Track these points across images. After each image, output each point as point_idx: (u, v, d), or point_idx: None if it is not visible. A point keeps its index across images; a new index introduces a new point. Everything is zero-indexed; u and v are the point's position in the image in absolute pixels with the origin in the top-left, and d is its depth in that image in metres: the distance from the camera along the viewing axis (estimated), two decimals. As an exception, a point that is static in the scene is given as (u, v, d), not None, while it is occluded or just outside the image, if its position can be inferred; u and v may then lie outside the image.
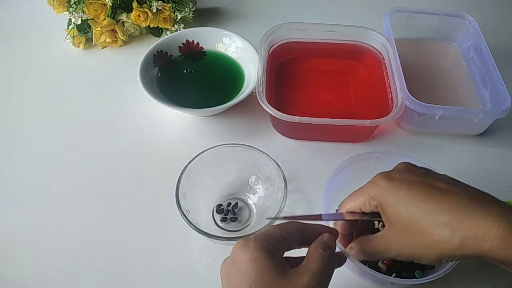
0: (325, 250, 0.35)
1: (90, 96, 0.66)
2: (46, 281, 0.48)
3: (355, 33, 0.67)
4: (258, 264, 0.31)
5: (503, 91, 0.58)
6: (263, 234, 0.34)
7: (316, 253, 0.34)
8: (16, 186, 0.56)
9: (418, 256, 0.34)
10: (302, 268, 0.33)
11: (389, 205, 0.35)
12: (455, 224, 0.31)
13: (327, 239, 0.36)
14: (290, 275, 0.32)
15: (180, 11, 0.72)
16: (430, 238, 0.32)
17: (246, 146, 0.51)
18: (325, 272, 0.33)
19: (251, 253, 0.32)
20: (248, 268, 0.31)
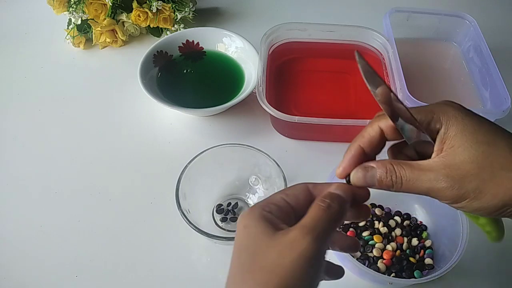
0: (323, 201, 0.30)
1: (90, 96, 0.66)
2: (46, 281, 0.48)
3: (355, 33, 0.67)
4: (248, 230, 0.29)
5: (503, 91, 0.58)
6: (263, 200, 0.32)
7: (313, 206, 0.30)
8: (16, 186, 0.56)
9: (486, 199, 0.28)
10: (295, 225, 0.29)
11: (466, 128, 0.29)
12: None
13: (334, 189, 0.31)
14: (279, 234, 0.28)
15: (180, 11, 0.72)
16: (510, 176, 0.27)
17: (246, 146, 0.51)
18: (318, 223, 0.28)
19: (245, 220, 0.30)
20: (240, 235, 0.30)
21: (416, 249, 0.50)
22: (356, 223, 0.52)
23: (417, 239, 0.50)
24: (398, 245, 0.50)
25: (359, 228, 0.51)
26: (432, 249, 0.50)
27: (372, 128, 0.32)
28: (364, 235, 0.50)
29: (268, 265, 0.27)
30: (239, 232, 0.30)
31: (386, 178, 0.30)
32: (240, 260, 0.29)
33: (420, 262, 0.49)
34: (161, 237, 0.51)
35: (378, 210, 0.53)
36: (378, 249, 0.49)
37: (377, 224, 0.51)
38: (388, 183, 0.30)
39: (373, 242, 0.50)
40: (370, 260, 0.49)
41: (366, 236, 0.50)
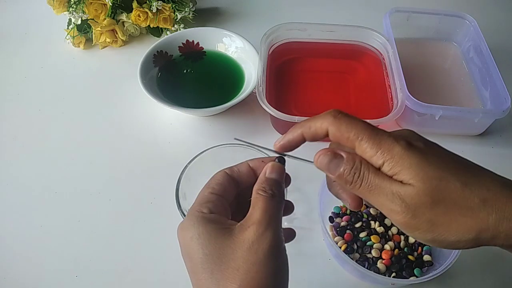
0: (265, 190, 0.31)
1: (90, 96, 0.67)
2: (46, 281, 0.48)
3: (355, 33, 0.67)
4: (201, 239, 0.29)
5: (503, 91, 0.58)
6: (193, 204, 0.31)
7: (257, 198, 0.31)
8: (16, 186, 0.56)
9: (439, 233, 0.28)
10: (246, 219, 0.30)
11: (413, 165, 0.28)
12: (494, 201, 0.27)
13: (269, 173, 0.32)
14: (236, 233, 0.29)
15: (180, 11, 0.72)
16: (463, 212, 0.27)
17: (246, 146, 0.51)
18: (271, 214, 0.30)
19: (190, 231, 0.29)
20: (193, 248, 0.29)
21: (413, 246, 0.50)
22: (352, 225, 0.51)
23: (414, 237, 0.50)
24: (395, 243, 0.50)
25: (356, 230, 0.51)
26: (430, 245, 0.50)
27: (321, 126, 0.31)
28: (361, 236, 0.50)
29: (242, 264, 0.28)
30: (188, 244, 0.29)
31: (348, 173, 0.30)
32: (206, 271, 0.28)
33: (419, 259, 0.49)
34: (161, 237, 0.51)
35: (373, 210, 0.52)
36: (377, 250, 0.49)
37: (373, 224, 0.51)
38: (348, 179, 0.30)
39: (371, 243, 0.50)
40: (369, 261, 0.49)
41: (364, 237, 0.50)
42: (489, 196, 0.27)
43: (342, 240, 0.50)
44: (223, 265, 0.28)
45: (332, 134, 0.30)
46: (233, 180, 0.33)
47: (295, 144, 0.33)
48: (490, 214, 0.27)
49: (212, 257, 0.28)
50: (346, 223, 0.52)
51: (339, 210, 0.53)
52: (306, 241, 0.51)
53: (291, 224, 0.53)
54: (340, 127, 0.30)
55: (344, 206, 0.53)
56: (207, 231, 0.29)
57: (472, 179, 0.28)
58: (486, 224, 0.27)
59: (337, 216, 0.53)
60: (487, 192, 0.28)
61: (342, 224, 0.52)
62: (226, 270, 0.28)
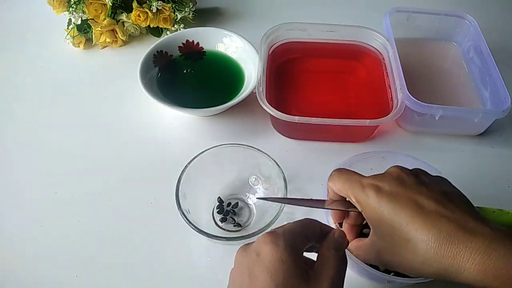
0: (337, 251, 0.35)
1: (90, 96, 0.67)
2: (46, 281, 0.48)
3: (355, 33, 0.67)
4: (286, 266, 0.31)
5: (503, 91, 0.58)
6: (289, 232, 0.34)
7: (331, 256, 0.35)
8: (16, 186, 0.56)
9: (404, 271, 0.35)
10: (321, 273, 0.33)
11: (374, 219, 0.35)
12: (432, 255, 0.32)
13: (338, 237, 0.36)
14: (312, 281, 0.32)
15: (180, 11, 0.72)
16: (409, 263, 0.33)
17: (246, 146, 0.51)
18: (341, 274, 0.34)
19: (280, 253, 0.32)
20: (275, 268, 0.31)
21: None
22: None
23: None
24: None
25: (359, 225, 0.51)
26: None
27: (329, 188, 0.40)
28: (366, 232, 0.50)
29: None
30: (274, 263, 0.31)
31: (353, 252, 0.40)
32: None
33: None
34: (161, 237, 0.51)
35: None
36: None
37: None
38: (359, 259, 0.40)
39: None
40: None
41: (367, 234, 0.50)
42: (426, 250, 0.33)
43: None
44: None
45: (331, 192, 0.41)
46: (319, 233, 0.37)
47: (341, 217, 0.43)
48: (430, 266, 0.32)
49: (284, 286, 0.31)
50: None
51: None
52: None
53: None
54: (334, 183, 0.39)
55: None
56: (293, 263, 0.32)
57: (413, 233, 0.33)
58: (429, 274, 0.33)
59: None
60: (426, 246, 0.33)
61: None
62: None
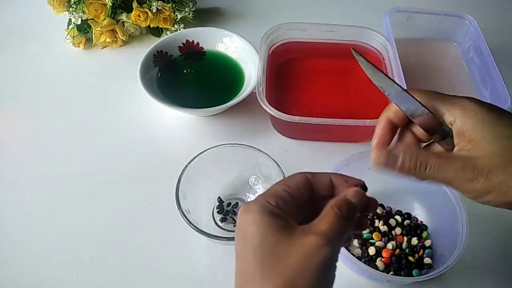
0: (341, 209, 0.30)
1: (90, 96, 0.66)
2: (46, 281, 0.48)
3: (355, 33, 0.67)
4: (261, 226, 0.29)
5: (503, 91, 0.58)
6: (265, 193, 0.31)
7: (331, 212, 0.30)
8: (16, 186, 0.56)
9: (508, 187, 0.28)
10: (311, 226, 0.29)
11: (486, 122, 0.28)
12: None
13: (351, 196, 0.31)
14: (297, 234, 0.29)
15: (180, 11, 0.72)
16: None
17: (246, 146, 0.51)
18: (337, 234, 0.29)
19: (253, 216, 0.29)
20: (251, 232, 0.29)
21: (415, 248, 0.50)
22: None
23: (417, 239, 0.50)
24: (397, 244, 0.50)
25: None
26: (432, 248, 0.50)
27: None
28: (364, 232, 0.50)
29: (293, 265, 0.28)
30: (247, 227, 0.29)
31: (409, 161, 0.30)
32: (257, 257, 0.28)
33: (419, 261, 0.49)
34: (161, 237, 0.51)
35: (378, 209, 0.53)
36: (378, 247, 0.49)
37: (377, 222, 0.51)
38: (412, 166, 0.30)
39: (372, 240, 0.50)
40: (369, 257, 0.49)
41: (366, 234, 0.50)
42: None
43: None
44: (275, 259, 0.28)
45: None
46: (310, 186, 0.33)
47: (386, 131, 0.34)
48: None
49: (267, 248, 0.28)
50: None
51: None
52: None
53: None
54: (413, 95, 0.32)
55: None
56: (269, 221, 0.29)
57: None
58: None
59: None
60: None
61: None
62: (276, 264, 0.28)
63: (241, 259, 0.30)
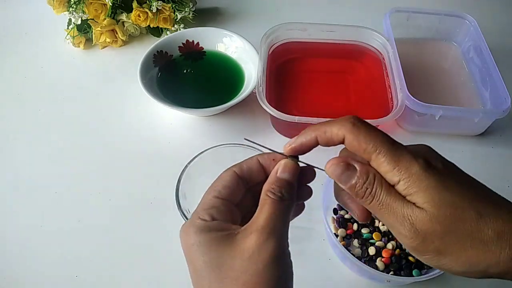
0: (275, 192, 0.29)
1: (90, 96, 0.66)
2: (46, 281, 0.48)
3: (355, 33, 0.67)
4: (201, 247, 0.28)
5: (503, 91, 0.58)
6: (197, 208, 0.30)
7: (265, 200, 0.29)
8: (16, 186, 0.56)
9: (445, 262, 0.27)
10: (250, 224, 0.28)
11: (429, 188, 0.27)
12: (508, 235, 0.26)
13: (280, 172, 0.30)
14: (238, 240, 0.28)
15: (180, 11, 0.72)
16: (475, 245, 0.26)
17: (246, 146, 0.51)
18: (276, 220, 0.28)
19: (191, 238, 0.28)
20: (194, 255, 0.28)
21: (416, 248, 0.50)
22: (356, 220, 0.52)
23: (417, 239, 0.50)
24: (397, 244, 0.50)
25: (359, 225, 0.51)
26: (432, 249, 0.50)
27: (338, 133, 0.29)
28: (364, 232, 0.50)
29: (241, 275, 0.27)
30: (189, 250, 0.29)
31: (360, 187, 0.29)
32: (205, 279, 0.28)
33: (419, 261, 0.48)
34: (161, 237, 0.51)
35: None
36: (377, 247, 0.49)
37: (377, 222, 0.51)
38: (360, 193, 0.29)
39: (372, 240, 0.50)
40: (369, 257, 0.49)
41: (366, 234, 0.50)
42: (504, 229, 0.26)
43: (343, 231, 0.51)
44: (221, 274, 0.27)
45: (348, 143, 0.29)
46: (241, 179, 0.32)
47: (307, 148, 0.31)
48: (503, 249, 0.26)
49: (211, 266, 0.28)
50: (351, 216, 0.52)
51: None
52: (306, 241, 0.51)
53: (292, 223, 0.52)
54: (359, 137, 0.28)
55: None
56: (207, 239, 0.28)
57: (489, 210, 0.27)
58: (497, 258, 0.26)
59: (342, 209, 0.53)
60: (502, 225, 0.26)
61: (346, 216, 0.52)
62: (225, 279, 0.27)
63: (196, 285, 0.29)
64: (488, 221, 0.26)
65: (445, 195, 0.27)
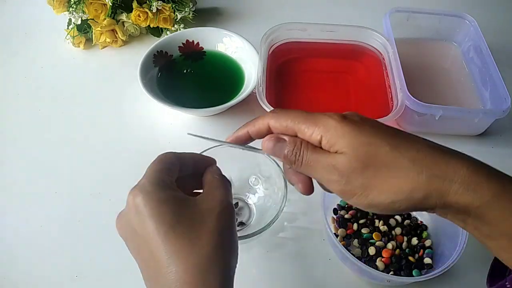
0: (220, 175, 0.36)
1: (90, 96, 0.66)
2: (46, 281, 0.48)
3: (355, 33, 0.67)
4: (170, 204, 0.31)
5: (503, 91, 0.58)
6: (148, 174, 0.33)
7: (216, 180, 0.35)
8: (16, 186, 0.56)
9: (373, 196, 0.30)
10: (207, 194, 0.33)
11: (346, 134, 0.30)
12: (423, 160, 0.29)
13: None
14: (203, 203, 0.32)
15: (180, 11, 0.72)
16: (393, 173, 0.29)
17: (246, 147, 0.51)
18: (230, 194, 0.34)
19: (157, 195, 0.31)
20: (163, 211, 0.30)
21: (415, 248, 0.50)
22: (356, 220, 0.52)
23: (417, 239, 0.50)
24: (397, 244, 0.50)
25: (359, 225, 0.51)
26: (432, 249, 0.50)
27: (263, 122, 0.34)
28: (364, 232, 0.50)
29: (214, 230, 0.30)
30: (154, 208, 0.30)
31: (291, 154, 0.32)
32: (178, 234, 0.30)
33: (419, 261, 0.49)
34: (161, 237, 0.51)
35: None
36: (378, 247, 0.49)
37: (377, 222, 0.51)
38: (291, 159, 0.32)
39: (372, 240, 0.50)
40: (369, 257, 0.49)
41: (366, 234, 0.50)
42: (418, 156, 0.29)
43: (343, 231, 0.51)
44: (195, 229, 0.30)
45: (273, 127, 0.34)
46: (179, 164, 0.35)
47: (242, 141, 0.37)
48: (420, 173, 0.28)
49: (185, 221, 0.30)
50: (351, 216, 0.52)
51: (345, 204, 0.53)
52: (306, 241, 0.51)
53: (292, 223, 0.53)
54: (279, 119, 0.33)
55: None
56: (175, 197, 0.31)
57: (402, 142, 0.30)
58: (416, 182, 0.28)
59: (342, 209, 0.53)
60: (417, 153, 0.29)
61: (346, 216, 0.52)
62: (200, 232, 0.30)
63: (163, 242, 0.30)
64: (402, 151, 0.29)
65: (359, 137, 0.30)
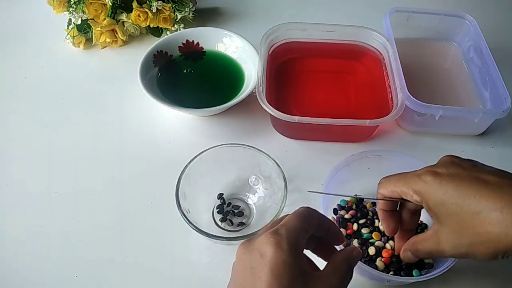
0: (350, 265, 0.35)
1: (90, 96, 0.66)
2: (46, 281, 0.48)
3: (355, 33, 0.67)
4: (291, 270, 0.31)
5: (503, 91, 0.58)
6: (292, 230, 0.33)
7: (344, 267, 0.35)
8: (16, 186, 0.56)
9: (473, 255, 0.34)
10: (325, 276, 0.34)
11: (436, 203, 0.34)
12: (508, 221, 0.30)
13: (356, 255, 0.36)
14: (315, 282, 0.32)
15: (180, 11, 0.72)
16: (483, 236, 0.32)
17: (246, 146, 0.51)
18: (345, 286, 0.35)
19: (285, 256, 0.31)
20: (281, 271, 0.31)
21: (416, 248, 0.50)
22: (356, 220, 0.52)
23: (417, 239, 0.50)
24: (397, 244, 0.50)
25: (359, 225, 0.51)
26: (432, 248, 0.50)
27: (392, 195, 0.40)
28: (364, 232, 0.50)
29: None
30: (279, 266, 0.31)
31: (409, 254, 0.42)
32: None
33: (419, 261, 0.48)
34: (161, 237, 0.51)
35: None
36: (377, 247, 0.49)
37: (377, 222, 0.51)
38: (412, 258, 0.42)
39: (372, 240, 0.50)
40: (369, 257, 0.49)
41: (366, 234, 0.50)
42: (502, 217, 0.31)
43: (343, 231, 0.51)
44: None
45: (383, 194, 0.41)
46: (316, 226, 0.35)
47: None
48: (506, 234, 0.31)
49: None
50: (351, 216, 0.52)
51: (345, 204, 0.53)
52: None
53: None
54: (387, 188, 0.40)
55: (351, 201, 0.53)
56: (297, 265, 0.32)
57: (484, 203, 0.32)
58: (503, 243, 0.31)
59: (342, 209, 0.53)
60: (500, 214, 0.31)
61: (346, 216, 0.52)
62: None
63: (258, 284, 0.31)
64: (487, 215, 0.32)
65: (445, 208, 0.34)
